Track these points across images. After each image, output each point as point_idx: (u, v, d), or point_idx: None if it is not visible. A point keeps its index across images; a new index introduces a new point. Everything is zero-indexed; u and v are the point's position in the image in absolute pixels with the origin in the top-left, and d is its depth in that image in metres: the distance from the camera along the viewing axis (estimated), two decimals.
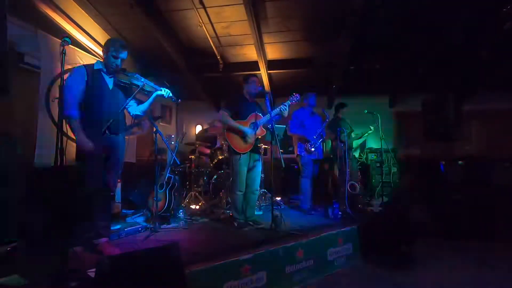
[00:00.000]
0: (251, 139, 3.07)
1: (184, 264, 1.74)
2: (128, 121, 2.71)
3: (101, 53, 2.50)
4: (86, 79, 2.25)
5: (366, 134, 4.41)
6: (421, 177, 4.83)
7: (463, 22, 3.88)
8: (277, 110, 3.05)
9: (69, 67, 3.07)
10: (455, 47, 4.31)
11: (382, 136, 4.05)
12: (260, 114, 3.17)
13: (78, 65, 2.43)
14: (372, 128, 4.26)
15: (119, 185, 3.63)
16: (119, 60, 2.35)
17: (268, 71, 5.36)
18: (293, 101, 3.11)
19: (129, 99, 2.43)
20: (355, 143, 4.58)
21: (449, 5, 3.72)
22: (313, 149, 3.85)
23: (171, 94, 2.50)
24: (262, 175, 4.31)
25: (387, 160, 5.22)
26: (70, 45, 1.98)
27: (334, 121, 4.35)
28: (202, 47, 4.85)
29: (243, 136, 3.05)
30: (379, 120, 4.03)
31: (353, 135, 4.36)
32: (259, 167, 3.23)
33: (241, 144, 3.06)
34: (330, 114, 4.32)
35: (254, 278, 2.16)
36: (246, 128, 3.04)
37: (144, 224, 3.16)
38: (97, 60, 2.41)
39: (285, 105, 3.06)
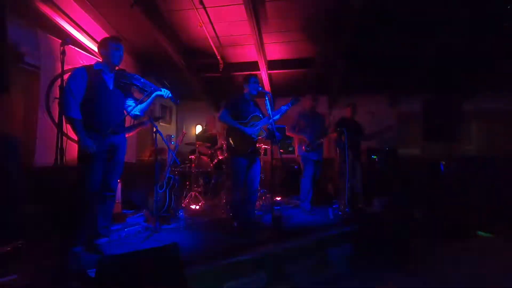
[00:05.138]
0: (251, 139, 3.07)
1: (184, 264, 1.74)
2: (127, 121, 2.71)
3: None
4: (86, 79, 2.25)
5: None
6: (421, 177, 4.83)
7: (463, 22, 3.87)
8: (277, 112, 3.06)
9: (69, 67, 3.06)
10: (455, 46, 4.31)
11: (381, 136, 4.05)
12: (260, 115, 3.17)
13: (78, 65, 2.42)
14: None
15: (119, 185, 3.63)
16: (121, 51, 2.35)
17: (268, 71, 5.36)
18: (294, 104, 3.12)
19: (139, 102, 2.44)
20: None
21: (450, 5, 3.72)
22: (313, 150, 3.84)
23: (170, 95, 2.50)
24: (262, 175, 4.31)
25: (387, 160, 5.21)
26: (70, 45, 1.98)
27: (339, 120, 4.36)
28: (202, 47, 4.85)
29: (243, 136, 3.05)
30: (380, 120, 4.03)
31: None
32: (258, 167, 3.23)
33: (241, 144, 3.05)
34: (333, 114, 4.31)
35: (254, 278, 2.16)
36: (246, 128, 3.05)
37: (144, 224, 3.16)
38: (97, 61, 2.41)
39: (287, 107, 3.07)
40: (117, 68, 2.40)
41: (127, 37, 4.63)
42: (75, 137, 2.19)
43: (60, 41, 1.83)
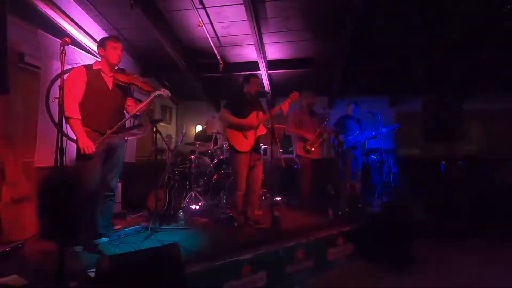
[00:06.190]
0: (252, 129, 3.05)
1: (184, 264, 1.74)
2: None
3: None
4: (86, 79, 2.25)
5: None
6: (421, 177, 4.83)
7: (463, 22, 3.87)
8: (276, 109, 3.06)
9: (69, 67, 3.06)
10: (455, 46, 4.30)
11: (382, 136, 4.04)
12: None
13: (78, 65, 2.42)
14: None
15: (119, 185, 3.63)
16: (120, 50, 2.35)
17: (268, 71, 5.36)
18: (293, 100, 3.12)
19: (142, 104, 2.44)
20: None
21: (449, 4, 3.72)
22: (313, 149, 3.84)
23: (170, 95, 2.50)
24: (262, 175, 4.31)
25: (387, 160, 5.22)
26: (70, 45, 1.98)
27: (339, 119, 4.35)
28: (202, 47, 4.85)
29: (244, 133, 3.05)
30: (379, 119, 4.02)
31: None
32: (260, 166, 3.23)
33: (242, 142, 3.05)
34: (334, 114, 4.30)
35: (254, 278, 2.16)
36: (247, 120, 3.05)
37: (144, 224, 3.16)
38: (96, 61, 2.41)
39: (285, 104, 3.07)
40: (116, 67, 2.40)
41: (127, 37, 4.63)
42: (75, 137, 2.19)
43: (60, 41, 1.82)
